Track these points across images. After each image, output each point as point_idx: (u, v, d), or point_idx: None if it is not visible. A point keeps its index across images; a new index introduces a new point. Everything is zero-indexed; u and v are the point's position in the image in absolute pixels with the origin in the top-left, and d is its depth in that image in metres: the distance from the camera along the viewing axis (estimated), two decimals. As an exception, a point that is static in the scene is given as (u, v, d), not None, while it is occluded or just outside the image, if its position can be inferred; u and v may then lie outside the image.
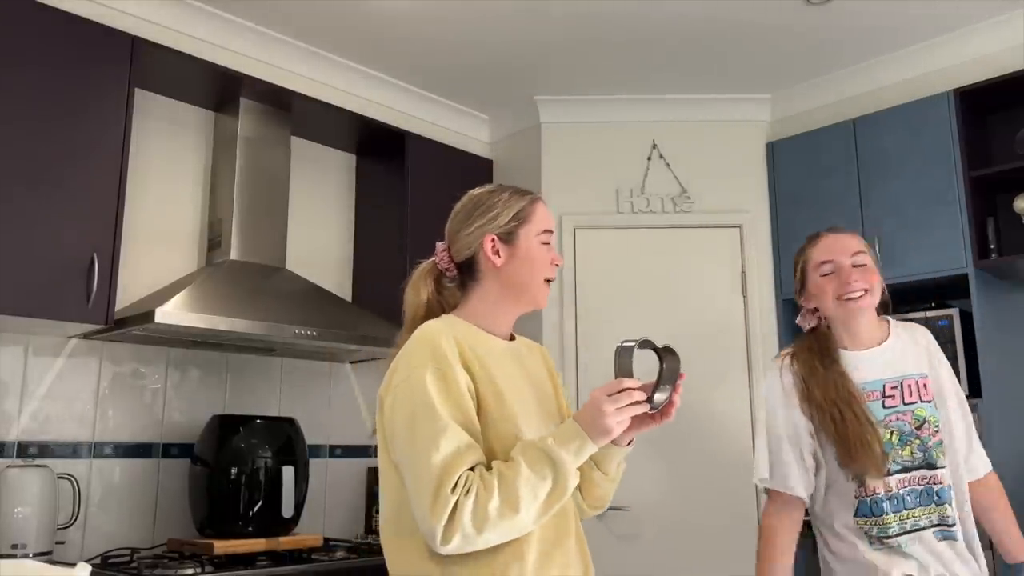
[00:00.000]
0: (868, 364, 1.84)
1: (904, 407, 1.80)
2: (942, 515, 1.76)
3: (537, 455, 1.31)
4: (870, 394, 1.81)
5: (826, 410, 1.80)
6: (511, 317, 1.57)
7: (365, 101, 3.56)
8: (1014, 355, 3.06)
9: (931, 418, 1.80)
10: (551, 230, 1.57)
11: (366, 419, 3.45)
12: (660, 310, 3.57)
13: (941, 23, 3.19)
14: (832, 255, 1.86)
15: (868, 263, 1.85)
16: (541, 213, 1.57)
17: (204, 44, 3.05)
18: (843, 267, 1.84)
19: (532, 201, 1.57)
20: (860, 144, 3.37)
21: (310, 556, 2.66)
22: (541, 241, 1.54)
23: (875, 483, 1.76)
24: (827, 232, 1.92)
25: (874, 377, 1.83)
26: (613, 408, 1.31)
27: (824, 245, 1.90)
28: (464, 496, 1.27)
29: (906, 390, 1.82)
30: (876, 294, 1.85)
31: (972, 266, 3.00)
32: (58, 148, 2.44)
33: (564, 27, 3.19)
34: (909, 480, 1.77)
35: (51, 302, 2.37)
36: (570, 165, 3.79)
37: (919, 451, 1.78)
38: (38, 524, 2.37)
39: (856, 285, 1.82)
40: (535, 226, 1.54)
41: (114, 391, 2.76)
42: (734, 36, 3.26)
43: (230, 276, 2.82)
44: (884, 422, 1.78)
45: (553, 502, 1.32)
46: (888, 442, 1.77)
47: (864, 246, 1.89)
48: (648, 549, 3.38)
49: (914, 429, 1.79)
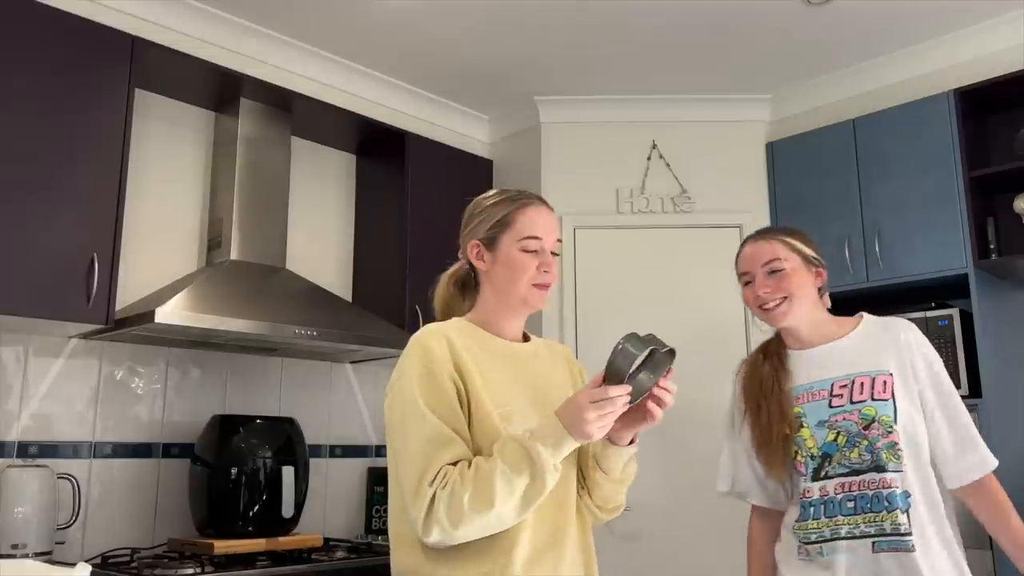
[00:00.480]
0: (816, 363, 1.79)
1: (851, 406, 1.72)
2: (893, 523, 1.65)
3: (515, 449, 1.32)
4: (816, 393, 1.77)
5: (752, 407, 1.81)
6: (512, 318, 1.58)
7: (365, 101, 3.56)
8: (1014, 355, 3.06)
9: (883, 418, 1.70)
10: (536, 236, 1.54)
11: (366, 419, 3.45)
12: (660, 310, 3.57)
13: (941, 23, 3.19)
14: (747, 267, 1.85)
15: (787, 268, 1.79)
16: (525, 219, 1.54)
17: (204, 44, 3.06)
18: (756, 277, 1.82)
19: (520, 207, 1.56)
20: (860, 144, 3.37)
21: (310, 556, 2.66)
22: (522, 248, 1.52)
23: (808, 486, 1.73)
24: (748, 243, 1.88)
25: (823, 376, 1.77)
26: (595, 415, 1.30)
27: (741, 257, 1.87)
28: (441, 489, 1.32)
29: (856, 388, 1.74)
30: (801, 299, 1.79)
31: (972, 266, 3.00)
32: (58, 148, 2.44)
33: (564, 27, 3.19)
34: (854, 484, 1.69)
35: (51, 302, 2.37)
36: (570, 165, 3.79)
37: (867, 453, 1.69)
38: (38, 524, 2.37)
39: (766, 296, 1.79)
40: (516, 232, 1.53)
41: (114, 391, 2.76)
42: (734, 36, 3.26)
43: (230, 276, 2.82)
44: (829, 422, 1.73)
45: (532, 497, 1.32)
46: (832, 443, 1.72)
47: (781, 251, 1.81)
48: (648, 549, 3.38)
49: (861, 429, 1.70)
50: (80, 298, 2.43)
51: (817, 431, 1.74)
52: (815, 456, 1.74)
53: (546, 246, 1.55)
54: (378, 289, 3.40)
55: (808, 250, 1.84)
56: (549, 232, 1.56)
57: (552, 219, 1.58)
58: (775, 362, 1.83)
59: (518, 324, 1.60)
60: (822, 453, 1.73)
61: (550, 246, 1.55)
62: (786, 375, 1.81)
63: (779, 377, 1.80)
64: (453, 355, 1.44)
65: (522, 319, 1.60)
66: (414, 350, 1.45)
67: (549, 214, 1.59)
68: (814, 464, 1.74)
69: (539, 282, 1.53)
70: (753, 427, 1.81)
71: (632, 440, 1.50)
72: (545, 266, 1.53)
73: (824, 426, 1.73)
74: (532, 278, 1.52)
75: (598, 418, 1.30)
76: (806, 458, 1.75)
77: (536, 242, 1.53)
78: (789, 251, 1.81)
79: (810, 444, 1.74)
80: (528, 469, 1.30)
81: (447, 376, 1.41)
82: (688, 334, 3.43)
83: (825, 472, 1.72)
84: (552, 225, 1.57)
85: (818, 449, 1.73)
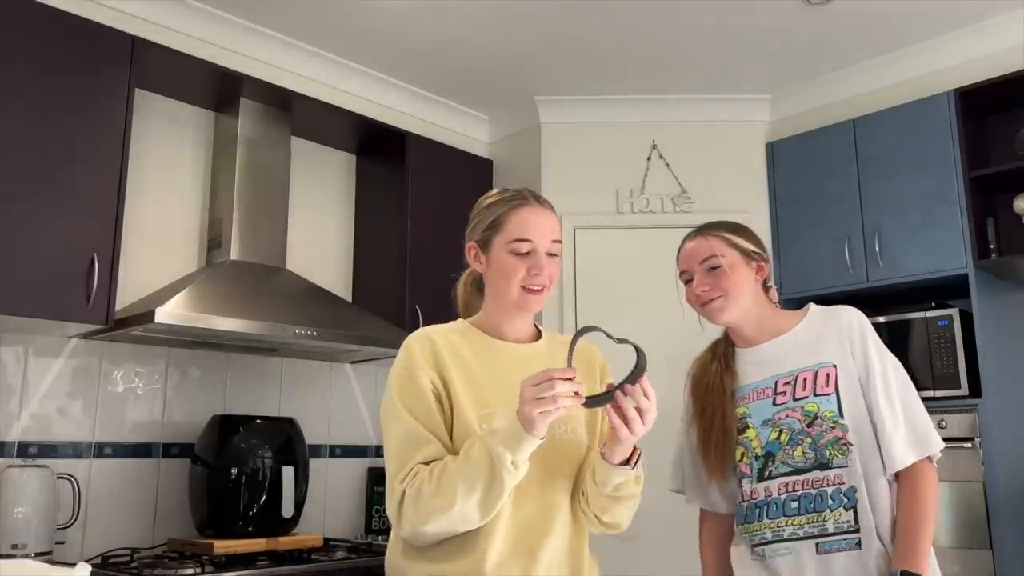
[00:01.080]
0: (761, 361, 1.74)
1: (794, 403, 1.66)
2: (836, 521, 1.59)
3: (478, 447, 1.32)
4: (761, 392, 1.71)
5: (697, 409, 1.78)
6: (511, 320, 1.55)
7: (365, 101, 3.56)
8: (1014, 355, 3.06)
9: (826, 412, 1.63)
10: (526, 238, 1.49)
11: (366, 419, 3.45)
12: (660, 310, 3.56)
13: (941, 23, 3.19)
14: (686, 265, 1.80)
15: (723, 264, 1.72)
16: (516, 220, 1.50)
17: (204, 44, 3.05)
18: (695, 275, 1.76)
19: (512, 208, 1.52)
20: (860, 144, 3.37)
21: (310, 556, 2.66)
22: (511, 250, 1.49)
23: (754, 487, 1.68)
24: (686, 241, 1.82)
25: (766, 374, 1.72)
26: (533, 397, 1.27)
27: (681, 255, 1.82)
28: (410, 487, 1.36)
29: (799, 384, 1.67)
30: (738, 297, 1.72)
31: (972, 266, 3.00)
32: (58, 148, 2.44)
33: (564, 27, 3.19)
34: (796, 484, 1.64)
35: (51, 302, 2.37)
36: (570, 165, 3.79)
37: (810, 451, 1.63)
38: (38, 524, 2.37)
39: (701, 292, 1.74)
40: (507, 235, 1.50)
41: (114, 391, 2.76)
42: (734, 36, 3.26)
43: (230, 276, 2.82)
44: (772, 420, 1.68)
45: (492, 496, 1.32)
46: (775, 442, 1.67)
47: (718, 247, 1.74)
48: (649, 549, 3.38)
49: (804, 427, 1.64)
50: (80, 298, 2.43)
51: (762, 431, 1.69)
52: (759, 456, 1.69)
53: (539, 248, 1.50)
54: (378, 289, 3.40)
55: (747, 244, 1.77)
56: (543, 233, 1.50)
57: (547, 219, 1.53)
58: (721, 363, 1.79)
59: (521, 325, 1.57)
60: (765, 452, 1.68)
61: (545, 248, 1.50)
62: (731, 376, 1.76)
63: (724, 378, 1.76)
64: (435, 357, 1.45)
65: (525, 320, 1.57)
66: (400, 353, 1.49)
67: (545, 214, 1.53)
68: (758, 464, 1.69)
69: (529, 285, 1.49)
70: (698, 429, 1.77)
71: (628, 461, 1.42)
72: (536, 269, 1.48)
73: (768, 425, 1.68)
74: (522, 281, 1.49)
75: (536, 402, 1.26)
76: (751, 459, 1.70)
77: (526, 244, 1.49)
78: (726, 246, 1.75)
79: (755, 444, 1.70)
80: (486, 469, 1.30)
81: (426, 378, 1.43)
82: (688, 334, 3.42)
83: (769, 472, 1.67)
84: (547, 226, 1.52)
85: (762, 449, 1.68)
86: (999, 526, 2.80)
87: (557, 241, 1.53)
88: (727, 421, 1.71)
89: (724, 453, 1.71)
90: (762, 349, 1.75)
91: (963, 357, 2.97)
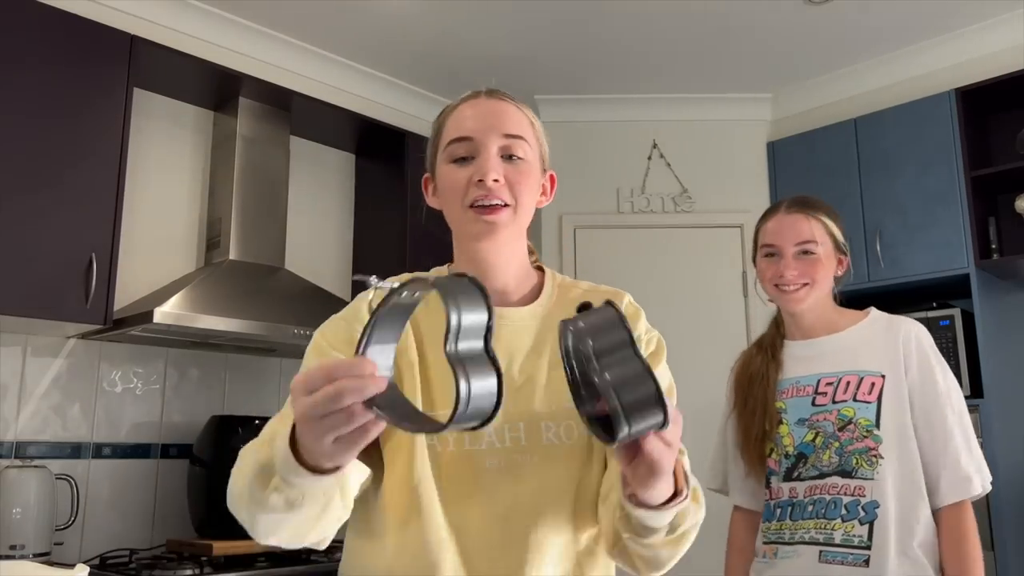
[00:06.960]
0: (808, 356, 1.68)
1: (832, 405, 1.61)
2: (846, 533, 1.53)
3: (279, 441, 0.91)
4: (801, 389, 1.66)
5: (740, 401, 1.73)
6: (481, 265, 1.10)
7: (365, 101, 3.55)
8: (1015, 355, 3.05)
9: (861, 420, 1.57)
10: (463, 136, 1.08)
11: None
12: (660, 310, 3.55)
13: (941, 23, 3.19)
14: (777, 239, 1.68)
15: (819, 253, 1.65)
16: (454, 120, 1.11)
17: (203, 43, 3.05)
18: (784, 255, 1.67)
19: (449, 111, 1.14)
20: (861, 144, 3.37)
21: (309, 557, 2.65)
22: (448, 158, 1.09)
23: (779, 485, 1.64)
24: (781, 211, 1.71)
25: (812, 371, 1.66)
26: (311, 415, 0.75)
27: (772, 228, 1.71)
28: None
29: (841, 387, 1.61)
30: (821, 287, 1.66)
31: (973, 266, 3.00)
32: (57, 148, 2.43)
33: (564, 27, 3.19)
34: (818, 488, 1.58)
35: (50, 302, 2.36)
36: (570, 165, 3.78)
37: (836, 455, 1.58)
38: (36, 525, 2.36)
39: (789, 277, 1.65)
40: (444, 141, 1.11)
41: (113, 391, 2.75)
42: (734, 36, 3.25)
43: (229, 276, 2.81)
44: (809, 421, 1.62)
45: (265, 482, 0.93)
46: (809, 444, 1.61)
47: (819, 233, 1.66)
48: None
49: (836, 431, 1.58)
50: (79, 298, 2.42)
51: (796, 429, 1.63)
52: (790, 455, 1.63)
53: (484, 145, 1.07)
54: (377, 289, 3.39)
55: (840, 235, 1.71)
56: (489, 127, 1.07)
57: (496, 107, 1.10)
58: (768, 354, 1.73)
59: (503, 273, 1.11)
60: (798, 453, 1.62)
61: (495, 144, 1.07)
62: (776, 367, 1.70)
63: (769, 369, 1.70)
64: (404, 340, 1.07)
65: (504, 264, 1.11)
66: None
67: (492, 103, 1.11)
68: (788, 463, 1.63)
69: (476, 201, 1.06)
70: (738, 421, 1.72)
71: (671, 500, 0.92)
72: (479, 174, 1.05)
73: (804, 424, 1.63)
74: (467, 197, 1.06)
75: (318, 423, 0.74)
76: (780, 457, 1.64)
77: (464, 145, 1.07)
78: (825, 233, 1.68)
79: (787, 442, 1.64)
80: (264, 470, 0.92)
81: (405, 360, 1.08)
82: (689, 334, 3.42)
83: (798, 473, 1.61)
84: (495, 117, 1.09)
85: (794, 448, 1.63)
86: (1001, 527, 2.79)
87: (516, 136, 1.09)
88: (770, 414, 1.66)
89: (765, 447, 1.67)
90: (815, 343, 1.70)
91: (964, 357, 2.97)
